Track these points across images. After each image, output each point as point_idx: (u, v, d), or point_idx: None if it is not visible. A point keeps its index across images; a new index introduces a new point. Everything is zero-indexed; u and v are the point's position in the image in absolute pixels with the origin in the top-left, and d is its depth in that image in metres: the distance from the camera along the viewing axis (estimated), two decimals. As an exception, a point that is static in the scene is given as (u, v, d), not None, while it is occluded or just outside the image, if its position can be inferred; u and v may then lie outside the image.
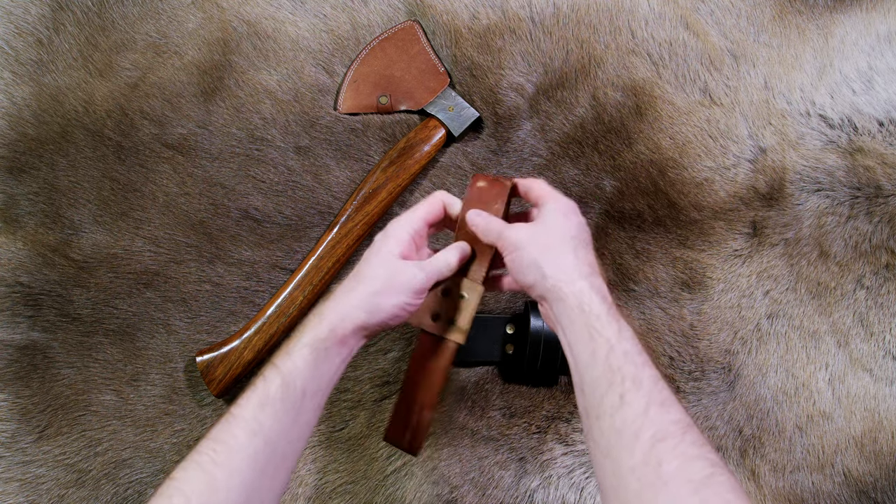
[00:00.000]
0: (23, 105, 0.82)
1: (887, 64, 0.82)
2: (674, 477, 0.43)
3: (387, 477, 0.77)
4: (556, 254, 0.56)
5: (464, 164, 0.83)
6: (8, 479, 0.76)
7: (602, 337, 0.51)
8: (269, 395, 0.52)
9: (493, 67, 0.84)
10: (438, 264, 0.60)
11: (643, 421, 0.46)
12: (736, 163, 0.81)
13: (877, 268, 0.79)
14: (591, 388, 0.51)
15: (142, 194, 0.81)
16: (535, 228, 0.59)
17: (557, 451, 0.77)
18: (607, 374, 0.50)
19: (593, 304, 0.53)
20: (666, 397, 0.48)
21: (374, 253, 0.60)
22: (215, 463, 0.49)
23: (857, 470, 0.76)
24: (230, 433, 0.50)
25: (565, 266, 0.56)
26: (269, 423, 0.51)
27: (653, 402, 0.48)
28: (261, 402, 0.51)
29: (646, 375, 0.49)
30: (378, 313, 0.57)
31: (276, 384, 0.52)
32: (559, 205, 0.60)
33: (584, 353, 0.52)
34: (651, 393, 0.48)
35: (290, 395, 0.52)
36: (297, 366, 0.53)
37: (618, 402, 0.48)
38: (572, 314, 0.53)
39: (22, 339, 0.78)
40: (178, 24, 0.85)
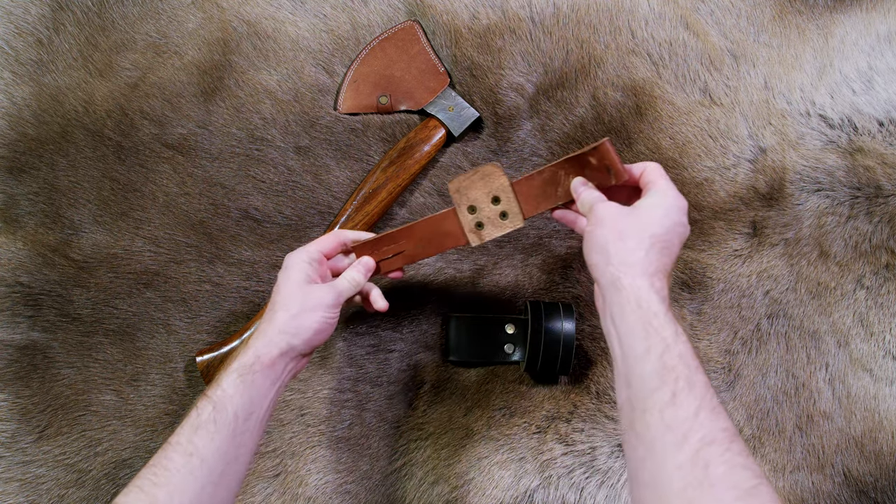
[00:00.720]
0: (23, 105, 0.82)
1: (887, 64, 0.82)
2: (721, 481, 0.44)
3: (387, 477, 0.77)
4: (627, 245, 0.55)
5: (464, 164, 0.83)
6: (8, 479, 0.76)
7: (658, 335, 0.51)
8: (202, 420, 0.55)
9: (493, 67, 0.84)
10: (343, 284, 0.65)
11: (693, 423, 0.47)
12: (736, 163, 0.81)
13: (877, 268, 0.79)
14: (640, 381, 0.51)
15: (142, 194, 0.81)
16: (623, 212, 0.58)
17: (557, 451, 0.77)
18: (661, 371, 0.50)
19: (651, 301, 0.53)
20: (716, 405, 0.49)
21: (283, 283, 0.64)
22: (155, 484, 0.52)
23: (857, 470, 0.76)
24: (167, 457, 0.54)
25: (632, 259, 0.55)
26: (203, 444, 0.54)
27: (704, 407, 0.48)
28: (193, 427, 0.55)
29: (699, 380, 0.49)
30: (301, 333, 0.61)
31: (208, 410, 0.56)
32: (664, 199, 0.59)
33: (636, 346, 0.52)
34: (704, 397, 0.48)
35: (221, 417, 0.56)
36: (226, 392, 0.57)
37: (669, 399, 0.48)
38: (627, 307, 0.53)
39: (22, 339, 0.78)
40: (178, 24, 0.85)
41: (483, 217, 0.66)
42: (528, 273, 0.81)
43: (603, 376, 0.78)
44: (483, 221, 0.66)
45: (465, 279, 0.81)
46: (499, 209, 0.66)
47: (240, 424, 0.56)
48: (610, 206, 0.59)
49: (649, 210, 0.58)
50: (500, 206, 0.65)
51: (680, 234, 0.59)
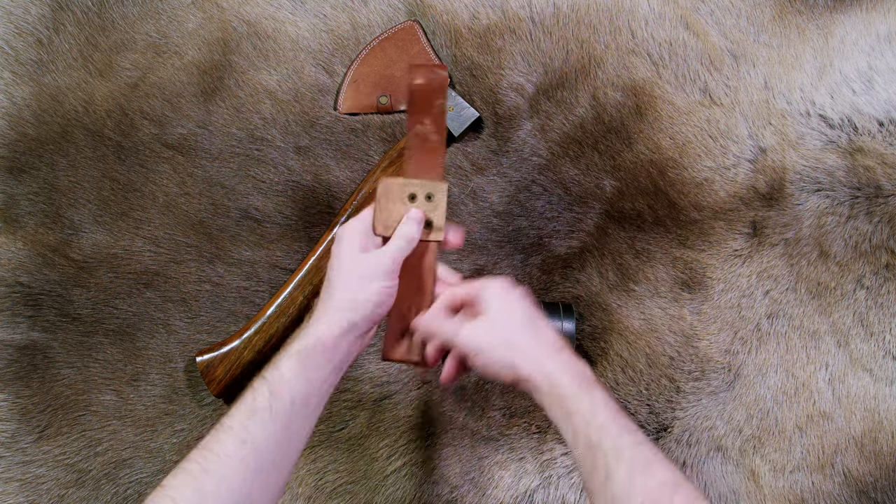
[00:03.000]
0: (23, 105, 0.82)
1: (887, 64, 0.82)
2: None
3: (387, 477, 0.77)
4: (521, 347, 0.57)
5: (464, 164, 0.83)
6: (8, 479, 0.76)
7: (577, 415, 0.53)
8: (257, 404, 0.53)
9: (493, 67, 0.84)
10: (399, 241, 0.60)
11: (630, 490, 0.48)
12: (736, 163, 0.81)
13: (877, 268, 0.79)
14: (581, 465, 0.53)
15: (142, 194, 0.81)
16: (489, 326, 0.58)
17: (557, 451, 0.77)
18: (589, 452, 0.52)
19: (562, 383, 0.54)
20: (649, 459, 0.50)
21: (337, 257, 0.60)
22: (205, 471, 0.50)
23: (857, 470, 0.76)
24: (219, 442, 0.52)
25: (534, 355, 0.57)
26: (258, 432, 0.52)
27: (635, 469, 0.49)
28: (249, 412, 0.53)
29: (625, 443, 0.51)
30: (361, 307, 0.58)
31: (264, 395, 0.53)
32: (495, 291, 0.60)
33: (567, 433, 0.54)
34: (633, 461, 0.50)
35: (277, 404, 0.53)
36: (284, 376, 0.54)
37: (604, 477, 0.50)
38: (549, 399, 0.55)
39: (22, 339, 0.78)
40: (178, 24, 0.85)
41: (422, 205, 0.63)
42: (528, 273, 0.81)
43: (603, 376, 0.78)
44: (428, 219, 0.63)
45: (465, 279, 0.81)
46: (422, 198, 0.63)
47: (297, 411, 0.54)
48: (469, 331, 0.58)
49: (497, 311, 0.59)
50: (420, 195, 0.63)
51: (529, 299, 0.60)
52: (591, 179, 0.82)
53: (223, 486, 0.50)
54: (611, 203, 0.82)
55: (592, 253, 0.81)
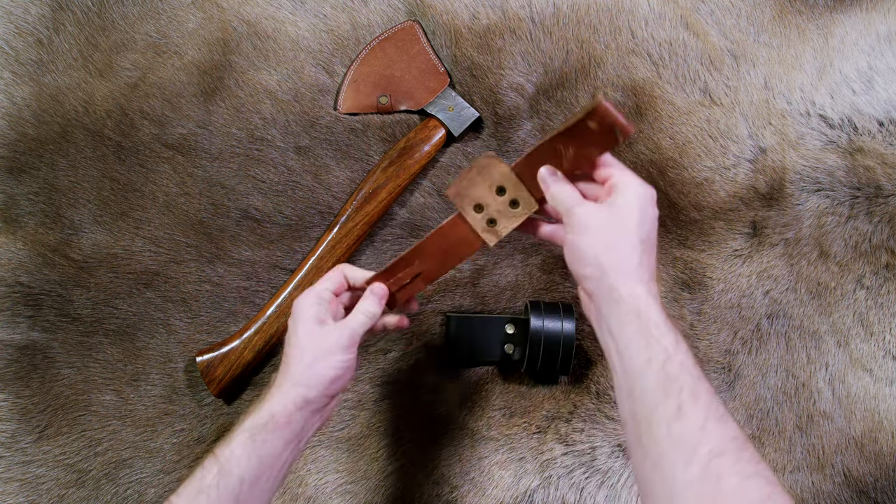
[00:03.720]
0: (23, 105, 0.82)
1: (887, 64, 0.82)
2: (733, 494, 0.43)
3: (387, 477, 0.77)
4: (621, 254, 0.53)
5: (464, 164, 0.83)
6: (8, 479, 0.76)
7: (660, 345, 0.50)
8: (205, 483, 0.52)
9: (493, 67, 0.84)
10: (361, 317, 0.60)
11: (701, 435, 0.45)
12: (736, 163, 0.81)
13: (877, 268, 0.79)
14: (642, 394, 0.49)
15: (142, 194, 0.81)
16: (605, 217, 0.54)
17: (557, 451, 0.77)
18: (664, 382, 0.48)
19: (651, 310, 0.51)
20: (723, 413, 0.47)
21: (294, 330, 0.59)
22: None
23: (857, 470, 0.76)
24: None
25: (627, 269, 0.53)
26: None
27: (711, 417, 0.46)
28: (196, 491, 0.52)
29: (703, 389, 0.48)
30: (316, 383, 0.57)
31: (212, 472, 0.53)
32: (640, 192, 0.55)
33: (637, 358, 0.50)
34: (710, 407, 0.47)
35: (225, 481, 0.53)
36: (234, 453, 0.54)
37: (675, 412, 0.47)
38: (626, 318, 0.51)
39: (22, 339, 0.78)
40: (178, 24, 0.85)
41: (493, 212, 0.60)
42: (528, 273, 0.81)
43: (603, 376, 0.78)
44: (494, 217, 0.60)
45: (465, 279, 0.81)
46: (507, 199, 0.60)
47: (246, 489, 0.53)
48: (590, 209, 0.55)
49: (629, 211, 0.54)
50: (508, 195, 0.59)
51: (656, 227, 0.57)
52: (591, 179, 0.82)
53: None
54: (611, 203, 0.82)
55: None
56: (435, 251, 0.62)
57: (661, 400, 0.48)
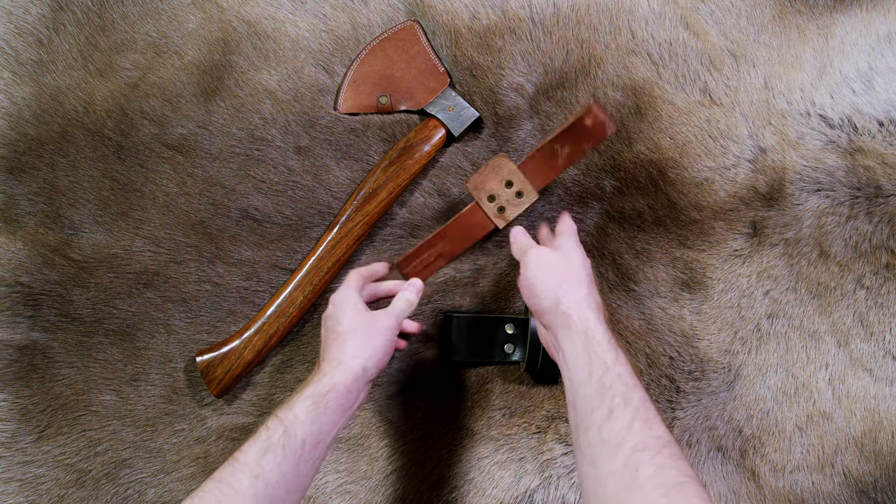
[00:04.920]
0: (23, 105, 0.82)
1: (887, 64, 0.82)
2: (648, 481, 0.48)
3: (387, 477, 0.77)
4: (572, 285, 0.63)
5: (464, 163, 0.83)
6: (8, 479, 0.76)
7: (599, 359, 0.56)
8: (272, 442, 0.56)
9: (493, 67, 0.84)
10: (402, 305, 0.70)
11: (627, 433, 0.51)
12: (736, 163, 0.81)
13: (877, 268, 0.79)
14: (583, 403, 0.55)
15: (142, 194, 0.81)
16: (557, 256, 0.66)
17: (557, 451, 0.77)
18: (599, 391, 0.54)
19: (597, 332, 0.59)
20: (651, 416, 0.53)
21: (339, 318, 0.67)
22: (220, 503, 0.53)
23: (857, 470, 0.76)
24: (234, 476, 0.54)
25: (578, 298, 0.62)
26: (270, 469, 0.55)
27: (638, 418, 0.52)
28: (262, 449, 0.56)
29: (635, 395, 0.54)
30: (373, 356, 0.65)
31: (279, 433, 0.57)
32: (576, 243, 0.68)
33: (581, 372, 0.57)
34: (638, 410, 0.52)
35: (290, 443, 0.57)
36: (298, 417, 0.58)
37: (606, 415, 0.53)
38: (576, 339, 0.59)
39: (22, 339, 0.78)
40: (178, 24, 0.85)
41: (502, 201, 0.76)
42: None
43: (603, 376, 0.78)
44: (503, 205, 0.76)
45: (465, 279, 0.81)
46: (514, 191, 0.75)
47: (306, 452, 0.57)
48: (543, 251, 0.67)
49: (575, 251, 0.67)
50: (514, 187, 0.75)
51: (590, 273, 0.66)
52: (591, 179, 0.82)
53: None
54: (611, 203, 0.82)
55: (592, 253, 0.81)
56: (455, 233, 0.77)
57: (596, 406, 0.54)
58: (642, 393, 0.55)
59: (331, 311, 0.68)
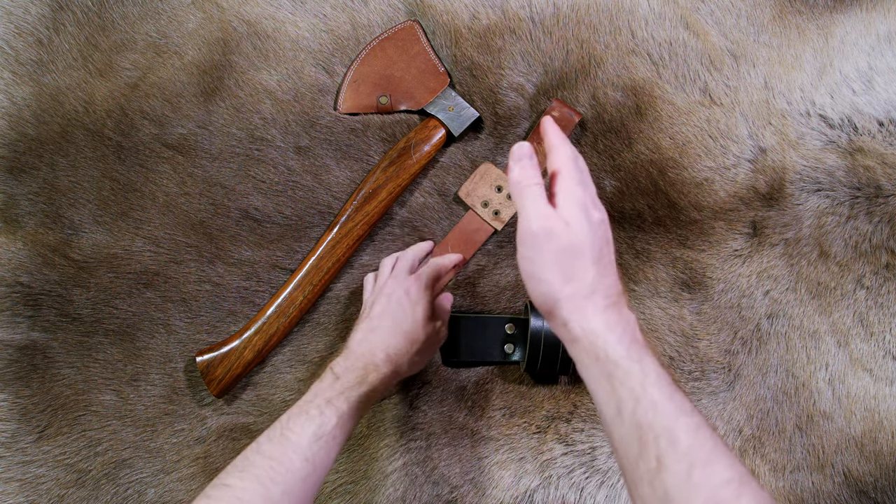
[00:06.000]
0: (23, 105, 0.82)
1: (887, 64, 0.82)
2: None
3: (387, 477, 0.77)
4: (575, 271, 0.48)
5: (464, 163, 0.83)
6: (8, 479, 0.76)
7: (625, 388, 0.44)
8: (325, 430, 0.57)
9: (493, 67, 0.84)
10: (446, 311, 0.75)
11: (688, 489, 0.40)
12: (736, 163, 0.81)
13: (877, 268, 0.79)
14: (621, 445, 0.45)
15: (142, 194, 0.81)
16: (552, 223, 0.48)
17: (557, 451, 0.77)
18: (637, 432, 0.43)
19: (608, 346, 0.46)
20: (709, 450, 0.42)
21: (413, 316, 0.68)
22: (273, 480, 0.53)
23: (857, 470, 0.76)
24: (287, 456, 0.55)
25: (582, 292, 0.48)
26: (321, 455, 0.56)
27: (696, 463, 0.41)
28: (316, 435, 0.57)
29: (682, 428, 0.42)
30: (414, 368, 0.69)
31: (333, 422, 0.58)
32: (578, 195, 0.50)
33: (608, 406, 0.46)
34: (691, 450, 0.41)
35: (340, 434, 0.58)
36: (351, 412, 0.60)
37: (655, 466, 0.42)
38: (587, 360, 0.47)
39: (22, 339, 0.78)
40: (178, 24, 0.85)
41: (496, 205, 0.80)
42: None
43: (603, 376, 0.78)
44: (498, 209, 0.80)
45: (465, 279, 0.81)
46: (505, 194, 0.80)
47: (344, 443, 0.59)
48: (536, 214, 0.49)
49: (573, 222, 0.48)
50: (505, 190, 0.80)
51: (606, 236, 0.50)
52: (591, 179, 0.82)
53: (286, 499, 0.53)
54: (611, 203, 0.82)
55: (592, 253, 0.81)
56: (458, 242, 0.80)
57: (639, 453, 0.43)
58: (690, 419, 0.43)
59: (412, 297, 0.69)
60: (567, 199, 0.49)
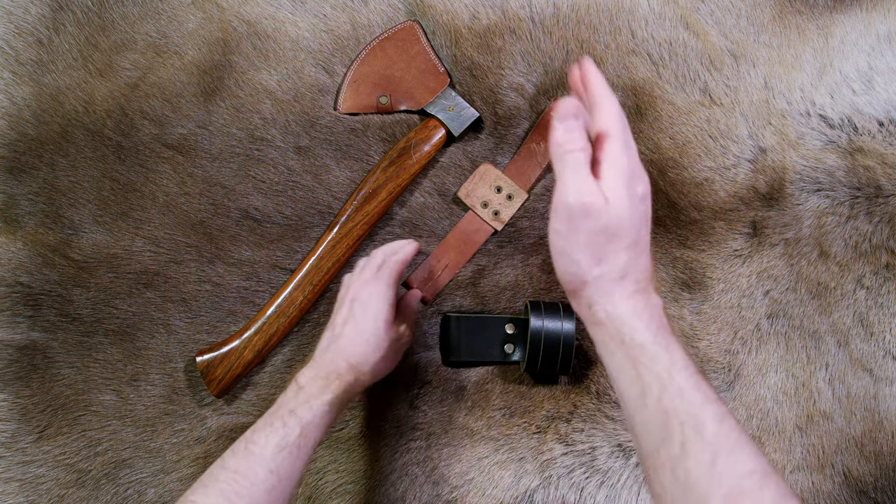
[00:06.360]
0: (23, 105, 0.82)
1: (887, 64, 0.82)
2: None
3: (387, 477, 0.77)
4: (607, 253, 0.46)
5: (464, 163, 0.83)
6: (8, 479, 0.76)
7: (651, 374, 0.44)
8: (289, 441, 0.57)
9: (493, 67, 0.84)
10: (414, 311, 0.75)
11: (711, 477, 0.40)
12: (736, 163, 0.81)
13: (877, 268, 0.79)
14: (644, 431, 0.44)
15: (142, 194, 0.81)
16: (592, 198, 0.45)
17: (557, 451, 0.77)
18: (662, 418, 0.43)
19: (636, 332, 0.45)
20: (734, 440, 0.41)
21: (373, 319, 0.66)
22: (237, 494, 0.53)
23: (857, 470, 0.76)
24: (251, 469, 0.55)
25: (612, 276, 0.46)
26: (285, 466, 0.56)
27: (720, 452, 0.41)
28: (279, 446, 0.56)
29: (708, 416, 0.42)
30: (380, 373, 0.68)
31: (296, 433, 0.57)
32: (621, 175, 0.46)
33: (631, 391, 0.45)
34: (717, 439, 0.41)
35: (305, 444, 0.58)
36: (315, 422, 0.59)
37: (679, 452, 0.41)
38: (611, 344, 0.47)
39: (22, 339, 0.78)
40: (178, 24, 0.85)
41: (496, 206, 0.80)
42: (528, 273, 0.81)
43: (603, 376, 0.78)
44: (497, 209, 0.80)
45: (465, 279, 0.81)
46: (504, 194, 0.81)
47: (310, 454, 0.59)
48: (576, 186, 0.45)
49: (615, 199, 0.45)
50: (504, 191, 0.81)
51: (646, 214, 0.48)
52: (591, 179, 0.82)
53: None
54: (611, 203, 0.82)
55: (592, 253, 0.81)
56: (457, 243, 0.80)
57: (662, 438, 0.42)
58: (714, 407, 0.43)
59: (374, 302, 0.66)
60: (612, 170, 0.46)
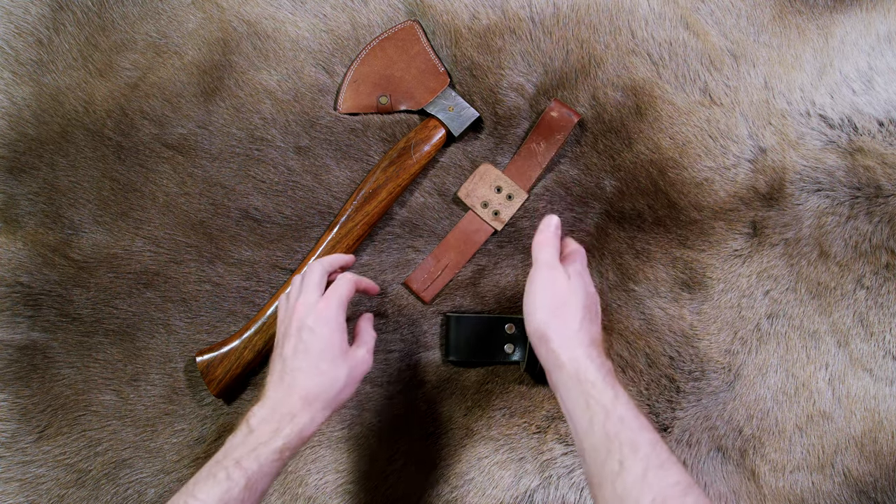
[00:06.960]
0: (23, 105, 0.82)
1: (887, 64, 0.82)
2: None
3: (387, 477, 0.77)
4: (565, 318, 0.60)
5: (464, 163, 0.83)
6: (8, 479, 0.76)
7: (598, 404, 0.54)
8: (233, 495, 0.54)
9: (493, 67, 0.84)
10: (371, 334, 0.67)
11: (642, 486, 0.48)
12: (736, 163, 0.81)
13: (877, 268, 0.79)
14: (591, 455, 0.53)
15: (142, 194, 0.81)
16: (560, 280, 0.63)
17: (557, 451, 0.77)
18: (605, 441, 0.52)
19: (589, 371, 0.56)
20: (664, 459, 0.50)
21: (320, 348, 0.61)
22: None
23: (857, 470, 0.76)
24: None
25: (569, 332, 0.59)
26: None
27: (651, 466, 0.49)
28: (223, 501, 0.54)
29: (643, 439, 0.51)
30: (341, 403, 0.62)
31: (241, 486, 0.54)
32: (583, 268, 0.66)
33: (581, 420, 0.55)
34: (649, 456, 0.50)
35: (250, 497, 0.55)
36: (262, 471, 0.56)
37: (617, 468, 0.50)
38: (569, 383, 0.57)
39: (22, 339, 0.78)
40: (178, 24, 0.85)
41: (496, 205, 0.80)
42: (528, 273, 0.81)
43: (603, 376, 0.78)
44: (497, 209, 0.80)
45: (465, 279, 0.81)
46: (504, 194, 0.80)
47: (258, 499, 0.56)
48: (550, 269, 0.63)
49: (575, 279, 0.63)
50: (504, 191, 0.81)
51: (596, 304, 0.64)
52: (590, 179, 0.82)
53: None
54: (611, 203, 0.82)
55: (592, 253, 0.81)
56: (457, 243, 0.80)
57: (605, 458, 0.51)
58: (650, 434, 0.52)
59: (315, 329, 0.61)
60: (574, 265, 0.65)
